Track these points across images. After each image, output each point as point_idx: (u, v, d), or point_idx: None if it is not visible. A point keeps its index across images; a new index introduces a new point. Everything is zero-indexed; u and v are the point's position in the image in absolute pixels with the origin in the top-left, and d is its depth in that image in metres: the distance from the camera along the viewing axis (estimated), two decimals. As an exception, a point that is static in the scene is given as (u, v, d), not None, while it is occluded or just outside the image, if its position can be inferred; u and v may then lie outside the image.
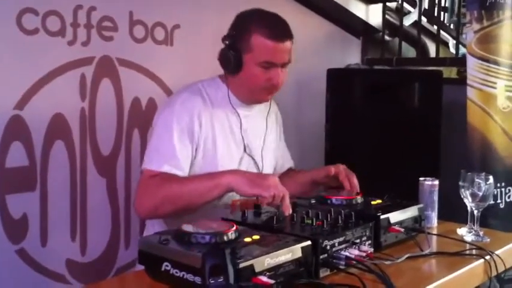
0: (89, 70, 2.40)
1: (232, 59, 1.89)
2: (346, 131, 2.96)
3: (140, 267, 1.43)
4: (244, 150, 1.99)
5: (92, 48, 2.39)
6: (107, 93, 2.46)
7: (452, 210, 1.92)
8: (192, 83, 1.99)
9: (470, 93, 2.55)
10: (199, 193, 1.74)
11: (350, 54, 3.71)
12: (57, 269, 2.35)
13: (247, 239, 1.38)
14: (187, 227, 1.42)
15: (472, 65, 2.53)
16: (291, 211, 1.63)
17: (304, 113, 3.31)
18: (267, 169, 2.09)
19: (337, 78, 3.08)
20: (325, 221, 1.53)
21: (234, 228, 1.41)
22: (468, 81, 2.56)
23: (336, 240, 1.48)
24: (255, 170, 2.02)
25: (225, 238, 1.37)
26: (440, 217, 1.99)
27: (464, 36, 3.57)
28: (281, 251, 1.32)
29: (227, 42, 1.92)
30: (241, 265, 1.22)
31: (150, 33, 2.58)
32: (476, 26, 2.52)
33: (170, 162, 1.81)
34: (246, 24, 1.90)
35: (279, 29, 1.89)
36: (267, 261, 1.28)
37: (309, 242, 1.39)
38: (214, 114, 1.93)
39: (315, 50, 3.41)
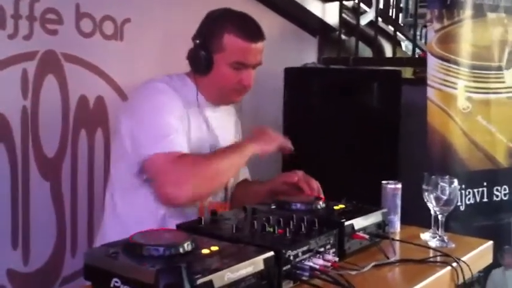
0: (32, 66, 2.23)
1: (202, 58, 1.81)
2: (304, 131, 2.88)
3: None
4: (210, 150, 1.88)
5: (34, 42, 2.22)
6: (51, 91, 2.29)
7: (413, 214, 1.86)
8: (157, 77, 1.86)
9: (431, 93, 2.51)
10: (233, 166, 1.76)
11: (306, 53, 3.65)
12: (-4, 280, 2.18)
13: (205, 251, 1.27)
14: (139, 238, 1.30)
15: (433, 65, 2.49)
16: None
17: (260, 112, 3.21)
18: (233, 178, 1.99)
19: (294, 77, 3.01)
20: (287, 228, 1.44)
21: (190, 238, 1.30)
22: (428, 82, 2.52)
23: (300, 250, 1.38)
24: None
25: (181, 250, 1.25)
26: (403, 221, 1.93)
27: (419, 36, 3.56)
28: (242, 263, 1.21)
29: (197, 41, 1.84)
30: (199, 281, 1.10)
31: (98, 27, 2.43)
32: (437, 25, 2.48)
33: (179, 142, 1.71)
34: (218, 24, 1.83)
35: (252, 29, 1.83)
36: (227, 276, 1.17)
37: (271, 253, 1.28)
38: (189, 111, 1.84)
39: (271, 48, 3.23)
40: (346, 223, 1.57)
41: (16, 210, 2.22)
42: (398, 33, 4.51)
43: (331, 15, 3.67)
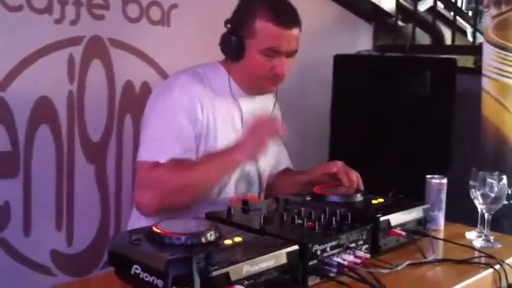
0: (78, 51, 2.26)
1: (234, 44, 1.75)
2: (352, 120, 2.80)
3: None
4: None
5: (81, 27, 2.25)
6: (97, 76, 2.32)
7: (463, 211, 1.76)
8: (190, 67, 1.84)
9: (485, 83, 2.36)
10: (211, 178, 1.67)
11: (361, 40, 3.54)
12: (41, 260, 2.24)
13: (228, 242, 1.24)
14: (163, 226, 1.28)
15: (488, 53, 2.34)
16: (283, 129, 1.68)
17: (308, 100, 3.16)
18: (265, 168, 1.95)
19: (344, 65, 2.92)
20: (317, 222, 1.39)
21: (214, 228, 1.27)
22: (483, 71, 2.37)
23: (328, 245, 1.33)
24: (253, 169, 1.88)
25: (203, 240, 1.23)
26: (449, 218, 1.84)
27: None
28: (263, 256, 1.17)
29: (229, 26, 1.78)
30: (215, 273, 1.08)
31: (145, 13, 2.43)
32: (494, 11, 2.33)
33: (169, 151, 1.66)
34: (251, 8, 1.76)
35: (285, 15, 1.74)
36: (246, 269, 1.13)
37: (296, 247, 1.24)
38: (216, 102, 1.78)
39: (323, 34, 3.24)
40: (382, 218, 1.50)
41: (60, 193, 2.27)
42: (463, 20, 4.33)
43: (387, 0, 3.54)
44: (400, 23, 3.65)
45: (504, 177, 1.65)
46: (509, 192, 2.26)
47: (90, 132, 2.32)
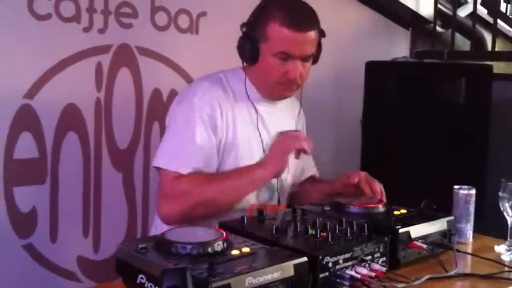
0: (106, 59, 2.28)
1: (248, 48, 1.73)
2: (384, 129, 2.72)
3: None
4: (264, 151, 1.80)
5: (109, 35, 2.27)
6: (125, 84, 2.33)
7: (498, 223, 1.68)
8: (213, 73, 1.84)
9: (523, 90, 2.27)
10: (235, 193, 1.66)
11: (398, 46, 3.46)
12: (67, 266, 2.26)
13: (235, 252, 1.21)
14: (171, 234, 1.27)
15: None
16: (309, 146, 1.66)
17: (342, 108, 3.11)
18: (289, 177, 1.92)
19: (376, 71, 2.85)
20: (331, 233, 1.34)
21: (222, 238, 1.24)
22: (522, 77, 2.28)
23: (341, 257, 1.29)
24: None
25: (209, 249, 1.21)
26: (485, 231, 1.77)
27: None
28: (267, 268, 1.14)
29: (245, 29, 1.76)
30: (215, 285, 1.05)
31: (173, 21, 2.43)
32: (530, 15, 2.24)
33: (192, 163, 1.67)
34: (266, 11, 1.73)
35: (299, 17, 1.70)
36: (249, 281, 1.10)
37: (304, 259, 1.20)
38: (236, 107, 1.77)
39: (359, 41, 3.19)
40: (401, 230, 1.44)
41: (88, 200, 2.29)
42: (508, 26, 4.17)
43: (425, 6, 3.45)
44: (439, 28, 3.56)
45: (534, 188, 1.57)
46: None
47: (117, 140, 2.34)
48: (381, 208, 1.62)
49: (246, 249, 1.23)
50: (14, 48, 2.07)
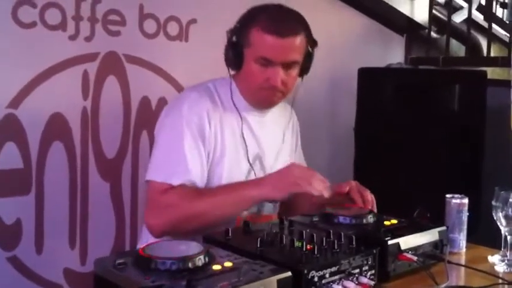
0: (93, 67, 2.24)
1: (232, 54, 1.71)
2: (377, 136, 2.68)
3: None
4: (249, 161, 1.77)
5: (96, 43, 2.23)
6: (112, 92, 2.29)
7: (494, 233, 1.64)
8: (202, 82, 1.80)
9: (515, 97, 2.23)
10: (225, 210, 1.60)
11: (392, 52, 3.43)
12: (54, 278, 2.21)
13: (216, 267, 1.17)
14: (150, 249, 1.22)
15: (518, 65, 2.21)
16: (328, 193, 1.54)
17: (336, 114, 3.07)
18: None
19: (369, 78, 2.81)
20: (317, 245, 1.30)
21: (204, 252, 1.20)
22: (513, 83, 2.24)
23: (327, 271, 1.24)
24: None
25: (190, 265, 1.16)
26: (482, 241, 1.73)
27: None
28: (250, 284, 1.09)
29: (229, 36, 1.73)
30: (192, 303, 1.01)
31: (162, 28, 2.40)
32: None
33: (181, 174, 1.63)
34: (250, 17, 1.71)
35: (281, 23, 1.66)
36: (229, 298, 1.06)
37: (288, 273, 1.15)
38: (225, 116, 1.74)
39: (352, 47, 3.16)
40: (390, 242, 1.40)
41: (74, 210, 2.24)
42: (505, 31, 4.14)
43: (420, 12, 3.42)
44: (434, 34, 3.52)
45: (528, 197, 1.52)
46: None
47: (104, 149, 2.29)
48: (370, 218, 1.57)
49: (228, 264, 1.18)
50: (-3, 57, 2.03)
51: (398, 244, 1.41)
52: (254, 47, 1.66)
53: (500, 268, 1.52)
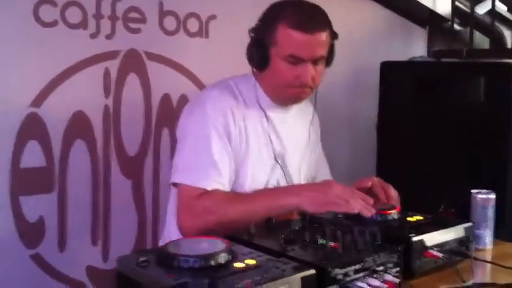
0: (114, 65, 2.24)
1: (257, 53, 1.68)
2: (400, 131, 2.64)
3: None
4: (275, 159, 1.76)
5: (117, 41, 2.23)
6: (133, 90, 2.30)
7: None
8: (222, 80, 1.79)
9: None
10: (260, 216, 1.55)
11: (415, 45, 3.39)
12: (76, 275, 2.22)
13: (239, 265, 1.15)
14: (172, 247, 1.22)
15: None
16: (370, 212, 1.47)
17: (357, 110, 3.04)
18: (302, 181, 1.86)
19: (391, 72, 2.77)
20: (341, 242, 1.28)
21: (228, 250, 1.19)
22: (540, 75, 2.19)
23: (351, 268, 1.22)
24: (285, 183, 1.78)
25: (212, 262, 1.15)
26: (504, 236, 1.71)
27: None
28: (273, 282, 1.08)
29: (253, 34, 1.71)
30: (214, 301, 1.00)
31: (182, 25, 2.40)
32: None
33: (214, 178, 1.61)
34: (274, 15, 1.68)
35: (307, 19, 1.64)
36: (252, 296, 1.05)
37: (312, 271, 1.14)
38: (247, 114, 1.72)
39: (373, 41, 3.13)
40: (415, 238, 1.38)
41: (96, 208, 2.25)
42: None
43: (442, 3, 3.37)
44: (456, 26, 3.47)
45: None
46: None
47: (126, 147, 2.30)
48: (395, 215, 1.55)
49: (250, 262, 1.17)
50: (19, 56, 2.05)
51: (423, 241, 1.38)
52: (281, 45, 1.63)
53: (529, 265, 1.49)
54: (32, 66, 2.07)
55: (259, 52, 1.66)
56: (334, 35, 1.72)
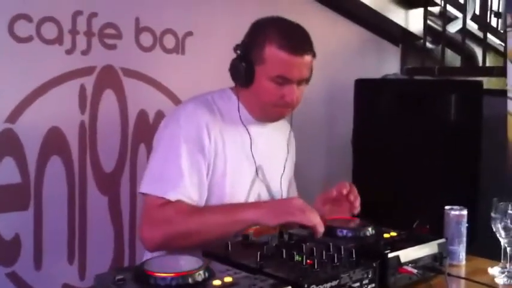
0: (90, 81, 2.24)
1: (243, 70, 1.68)
2: (374, 147, 2.68)
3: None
4: (256, 173, 1.77)
5: (92, 57, 2.23)
6: (109, 106, 2.30)
7: (493, 244, 1.63)
8: (200, 94, 1.79)
9: (511, 106, 2.23)
10: (219, 230, 1.57)
11: (388, 63, 3.44)
12: (53, 294, 2.20)
13: (216, 282, 1.16)
14: (150, 265, 1.21)
15: (513, 75, 2.22)
16: (322, 229, 1.50)
17: (333, 126, 3.08)
18: (283, 197, 1.87)
19: (365, 89, 2.82)
20: (317, 259, 1.29)
21: (203, 268, 1.19)
22: (509, 94, 2.25)
23: (327, 285, 1.23)
24: (266, 196, 1.80)
25: (190, 280, 1.15)
26: (478, 251, 1.73)
27: None
28: (249, 300, 1.09)
29: (239, 51, 1.72)
30: (192, 319, 1.00)
31: (158, 41, 2.40)
32: (518, 30, 2.21)
33: (178, 189, 1.61)
34: (261, 33, 1.69)
35: (297, 41, 1.67)
36: (229, 314, 1.05)
37: (288, 288, 1.15)
38: (225, 128, 1.72)
39: (349, 59, 3.17)
40: (390, 255, 1.39)
41: (73, 225, 2.23)
42: (499, 40, 4.16)
43: (415, 22, 3.44)
44: (429, 44, 3.54)
45: (527, 208, 1.53)
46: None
47: (102, 163, 2.29)
48: (370, 231, 1.57)
49: (228, 279, 1.17)
50: (-6, 72, 2.03)
51: (398, 257, 1.40)
52: (269, 64, 1.65)
53: (501, 280, 1.52)
54: (7, 82, 2.06)
55: (245, 69, 1.67)
56: (314, 55, 1.75)
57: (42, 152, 2.14)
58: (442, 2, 3.49)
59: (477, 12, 4.08)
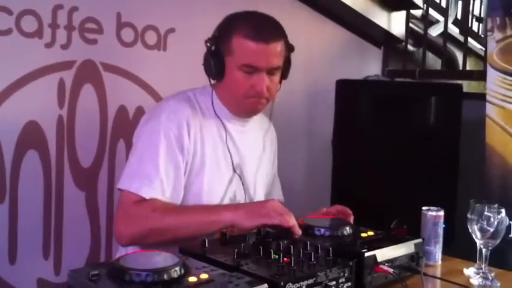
0: (69, 75, 2.21)
1: (213, 62, 1.68)
2: (355, 148, 2.69)
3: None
4: (234, 170, 1.77)
5: (72, 51, 2.20)
6: (89, 101, 2.27)
7: (470, 245, 1.65)
8: (182, 91, 1.78)
9: (490, 110, 2.25)
10: (194, 229, 1.57)
11: (370, 65, 3.46)
12: (27, 289, 2.17)
13: (192, 279, 1.15)
14: (125, 261, 1.20)
15: (493, 79, 2.23)
16: (299, 231, 1.51)
17: (314, 126, 3.08)
18: (259, 195, 1.87)
19: (347, 90, 2.83)
20: (294, 257, 1.29)
21: (179, 264, 1.18)
22: (488, 97, 2.26)
23: (304, 283, 1.24)
24: (243, 194, 1.80)
25: (165, 276, 1.15)
26: (453, 252, 1.75)
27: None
28: (225, 297, 1.08)
29: (209, 44, 1.71)
30: (167, 316, 0.99)
31: (140, 37, 2.38)
32: (498, 35, 2.23)
33: (155, 187, 1.60)
34: (230, 25, 1.69)
35: (263, 29, 1.66)
36: (204, 310, 1.05)
37: (265, 286, 1.15)
38: (204, 125, 1.71)
39: (331, 60, 3.19)
40: (367, 254, 1.40)
41: (48, 220, 2.21)
42: (480, 44, 4.21)
43: (397, 25, 3.46)
44: (410, 47, 3.57)
45: (503, 210, 1.55)
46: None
47: (80, 158, 2.27)
48: (348, 230, 1.58)
49: (204, 276, 1.17)
50: (-29, 64, 2.00)
51: (374, 256, 1.41)
52: (237, 54, 1.64)
53: (476, 281, 1.54)
54: (-16, 75, 2.03)
55: (215, 62, 1.67)
56: (290, 47, 1.74)
57: (18, 146, 2.11)
58: (425, 5, 3.52)
59: (459, 16, 4.14)
